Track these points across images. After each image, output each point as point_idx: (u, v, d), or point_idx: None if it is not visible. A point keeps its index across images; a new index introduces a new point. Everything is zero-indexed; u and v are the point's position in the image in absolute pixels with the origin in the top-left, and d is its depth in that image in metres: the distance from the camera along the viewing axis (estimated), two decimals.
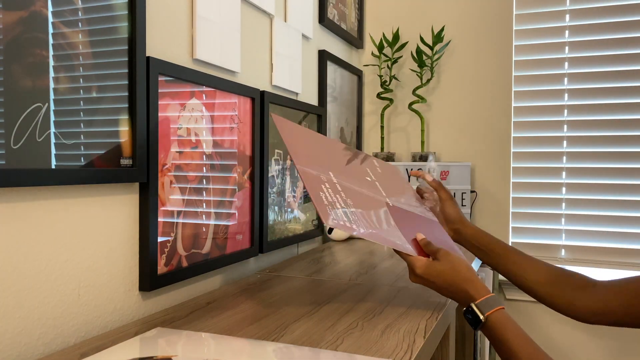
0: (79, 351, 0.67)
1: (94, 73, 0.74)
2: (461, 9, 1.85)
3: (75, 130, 0.71)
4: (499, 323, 0.74)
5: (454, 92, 1.86)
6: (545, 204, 1.75)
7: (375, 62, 1.93)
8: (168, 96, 0.89)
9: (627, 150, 1.67)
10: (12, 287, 0.65)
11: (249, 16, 1.17)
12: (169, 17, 0.91)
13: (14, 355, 0.65)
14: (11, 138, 0.63)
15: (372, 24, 1.97)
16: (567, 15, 1.73)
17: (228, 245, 1.07)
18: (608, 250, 1.67)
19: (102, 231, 0.78)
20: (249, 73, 1.18)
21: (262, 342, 0.70)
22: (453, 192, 1.65)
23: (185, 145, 0.94)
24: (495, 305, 0.76)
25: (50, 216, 0.70)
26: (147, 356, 0.63)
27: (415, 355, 0.66)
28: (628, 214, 1.66)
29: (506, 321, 0.74)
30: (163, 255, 0.88)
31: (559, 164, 1.74)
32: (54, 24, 0.68)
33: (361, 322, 0.80)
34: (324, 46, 1.62)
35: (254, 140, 1.15)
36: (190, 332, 0.74)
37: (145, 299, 0.87)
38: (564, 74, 1.74)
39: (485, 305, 0.76)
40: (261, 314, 0.84)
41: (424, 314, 0.84)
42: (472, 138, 1.83)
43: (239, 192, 1.11)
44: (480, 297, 0.77)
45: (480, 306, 0.76)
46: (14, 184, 0.62)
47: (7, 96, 0.62)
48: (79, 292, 0.75)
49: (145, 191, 0.84)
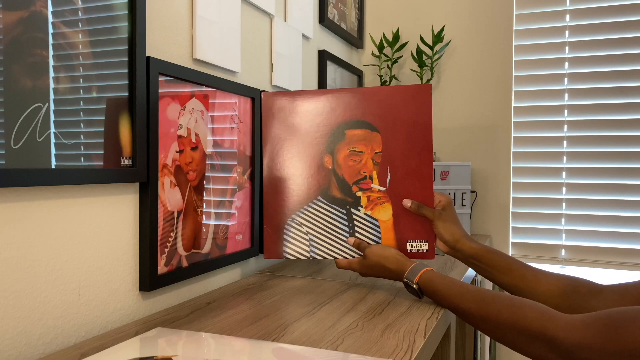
0: (79, 351, 0.67)
1: (94, 73, 0.74)
2: (461, 9, 1.85)
3: (75, 130, 0.71)
4: (429, 281, 0.86)
5: (454, 92, 1.86)
6: (545, 204, 1.75)
7: (375, 62, 1.93)
8: (168, 96, 0.89)
9: (627, 150, 1.67)
10: (12, 287, 0.65)
11: (249, 16, 1.17)
12: (169, 17, 0.91)
13: (14, 355, 0.65)
14: (11, 138, 0.63)
15: (372, 24, 1.97)
16: (567, 15, 1.73)
17: (228, 245, 1.07)
18: (608, 250, 1.67)
19: (102, 231, 0.78)
20: (249, 73, 1.18)
21: (262, 342, 0.70)
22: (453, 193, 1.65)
23: (185, 145, 0.94)
24: (420, 269, 0.88)
25: (50, 216, 0.70)
26: (147, 356, 0.63)
27: (415, 355, 0.66)
28: (628, 214, 1.66)
29: (434, 277, 0.85)
30: (163, 255, 0.88)
31: (559, 164, 1.74)
32: (54, 24, 0.68)
33: (361, 322, 0.80)
34: (324, 46, 1.62)
35: (254, 140, 1.15)
36: (190, 332, 0.74)
37: (145, 299, 0.87)
38: (564, 74, 1.74)
39: (412, 273, 0.88)
40: (261, 314, 0.84)
41: (424, 313, 0.84)
42: (472, 138, 1.83)
43: (239, 192, 1.11)
44: (407, 269, 0.89)
45: (409, 276, 0.88)
46: (14, 184, 0.62)
47: (7, 96, 0.62)
48: (79, 292, 0.75)
49: (145, 191, 0.84)
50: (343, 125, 1.01)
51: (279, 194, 1.03)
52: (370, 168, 1.00)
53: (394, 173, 1.00)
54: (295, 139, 1.03)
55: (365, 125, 1.00)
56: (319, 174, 1.02)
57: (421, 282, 0.87)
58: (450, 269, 1.19)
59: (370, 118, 1.00)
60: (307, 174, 1.02)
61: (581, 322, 0.62)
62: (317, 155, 1.02)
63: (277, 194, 1.03)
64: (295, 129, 1.03)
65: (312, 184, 1.02)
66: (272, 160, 1.04)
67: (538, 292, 0.86)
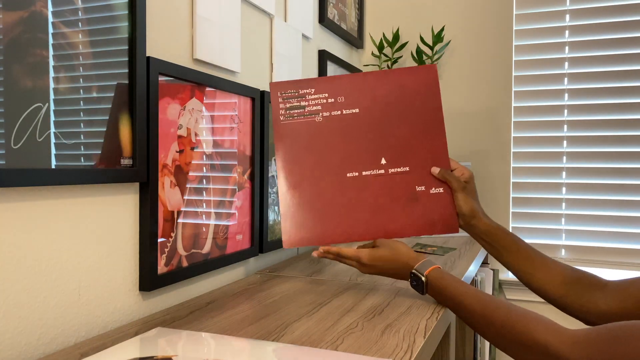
0: (79, 351, 0.67)
1: (94, 73, 0.74)
2: (461, 9, 1.85)
3: (75, 130, 0.71)
4: (439, 277, 0.85)
5: (454, 92, 1.86)
6: (545, 204, 1.75)
7: (375, 62, 1.93)
8: (168, 96, 0.89)
9: (627, 150, 1.67)
10: (12, 287, 0.65)
11: (249, 16, 1.17)
12: (169, 17, 0.91)
13: (14, 355, 0.65)
14: (11, 138, 0.63)
15: (372, 24, 1.97)
16: (567, 15, 1.73)
17: (228, 245, 1.07)
18: (608, 250, 1.67)
19: (102, 231, 0.78)
20: (249, 73, 1.18)
21: (262, 342, 0.70)
22: None
23: (185, 145, 0.94)
24: (432, 265, 0.87)
25: (50, 216, 0.70)
26: (147, 356, 0.63)
27: (415, 355, 0.66)
28: (628, 214, 1.66)
29: (443, 275, 0.85)
30: (163, 255, 0.88)
31: (559, 164, 1.74)
32: (54, 23, 0.68)
33: (361, 322, 0.80)
34: (324, 46, 1.62)
35: (254, 140, 1.15)
36: (190, 332, 0.74)
37: (146, 299, 0.87)
38: (564, 74, 1.74)
39: (422, 267, 0.87)
40: (261, 314, 0.84)
41: (424, 313, 0.84)
42: (472, 138, 1.83)
43: (239, 192, 1.11)
44: (417, 262, 0.89)
45: (419, 268, 0.88)
46: (14, 184, 0.62)
47: (7, 96, 0.62)
48: (79, 292, 0.75)
49: (145, 191, 0.84)
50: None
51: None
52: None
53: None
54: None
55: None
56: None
57: (430, 277, 0.86)
58: (450, 269, 1.19)
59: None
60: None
61: (584, 338, 0.62)
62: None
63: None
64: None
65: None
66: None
67: (543, 278, 0.87)
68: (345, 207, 0.98)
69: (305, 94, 1.01)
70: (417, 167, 0.99)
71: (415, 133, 1.00)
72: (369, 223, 0.98)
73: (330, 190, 0.99)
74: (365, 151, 0.99)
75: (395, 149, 0.99)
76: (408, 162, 0.99)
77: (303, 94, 1.01)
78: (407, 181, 0.99)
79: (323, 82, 1.01)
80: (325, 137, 1.00)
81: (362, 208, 0.98)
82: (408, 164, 0.99)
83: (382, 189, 0.98)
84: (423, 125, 1.00)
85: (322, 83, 1.01)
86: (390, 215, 0.98)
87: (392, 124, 1.00)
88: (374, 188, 0.99)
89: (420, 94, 1.00)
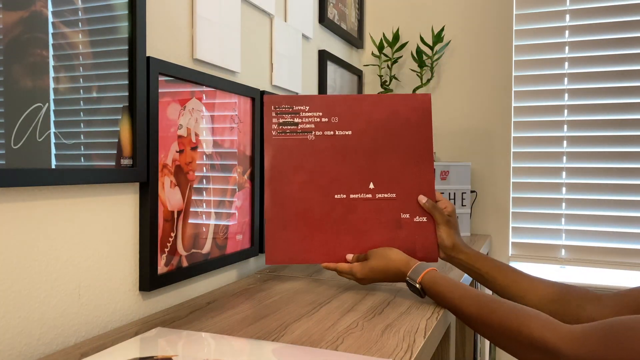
0: (79, 351, 0.67)
1: (94, 73, 0.74)
2: (461, 9, 1.85)
3: (75, 130, 0.71)
4: (432, 282, 0.85)
5: (454, 92, 1.86)
6: (545, 204, 1.75)
7: (375, 62, 1.93)
8: (168, 96, 0.89)
9: (627, 150, 1.67)
10: (12, 287, 0.65)
11: (249, 16, 1.17)
12: (169, 17, 0.91)
13: (14, 355, 0.65)
14: (11, 138, 0.63)
15: (372, 24, 1.97)
16: (567, 15, 1.73)
17: (228, 245, 1.07)
18: (608, 250, 1.67)
19: (102, 231, 0.78)
20: (249, 73, 1.18)
21: (262, 342, 0.70)
22: (453, 192, 1.65)
23: (185, 145, 0.94)
24: (424, 269, 0.87)
25: (50, 216, 0.70)
26: (147, 356, 0.63)
27: (415, 355, 0.66)
28: (628, 214, 1.66)
29: (437, 278, 0.85)
30: (163, 255, 0.88)
31: (559, 164, 1.74)
32: (54, 23, 0.68)
33: (361, 322, 0.80)
34: (324, 46, 1.62)
35: (254, 140, 1.15)
36: (190, 332, 0.74)
37: (145, 299, 0.87)
38: (564, 74, 1.74)
39: (415, 272, 0.88)
40: (261, 314, 0.84)
41: (424, 313, 0.84)
42: (472, 138, 1.83)
43: (239, 192, 1.11)
44: (409, 268, 0.89)
45: (412, 275, 0.88)
46: (14, 184, 0.62)
47: (7, 96, 0.62)
48: (79, 292, 0.75)
49: (145, 191, 0.84)
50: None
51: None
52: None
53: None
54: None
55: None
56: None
57: (424, 282, 0.87)
58: (450, 269, 1.19)
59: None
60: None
61: (582, 333, 0.62)
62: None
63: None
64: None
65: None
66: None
67: (531, 297, 0.86)
68: (330, 228, 1.01)
69: (299, 110, 1.02)
70: (403, 195, 1.01)
71: (404, 161, 1.02)
72: (352, 245, 1.01)
73: (316, 210, 1.01)
74: (355, 174, 1.01)
75: (383, 174, 1.01)
76: (395, 189, 1.01)
77: (297, 110, 1.02)
78: (393, 207, 1.01)
79: (318, 101, 1.02)
80: (316, 156, 1.01)
81: (347, 230, 1.01)
82: (395, 190, 1.01)
83: (367, 213, 1.01)
84: (413, 154, 1.02)
85: (318, 101, 1.02)
86: (374, 239, 1.00)
87: (383, 150, 1.02)
88: (360, 211, 1.01)
89: (412, 123, 1.02)
